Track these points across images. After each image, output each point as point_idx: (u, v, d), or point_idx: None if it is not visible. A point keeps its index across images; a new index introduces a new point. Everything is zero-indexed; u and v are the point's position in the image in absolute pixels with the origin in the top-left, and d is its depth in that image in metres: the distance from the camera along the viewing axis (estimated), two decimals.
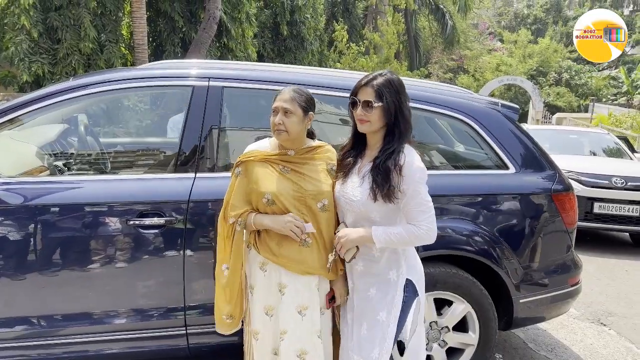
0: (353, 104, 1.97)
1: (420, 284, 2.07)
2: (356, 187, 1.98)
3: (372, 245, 1.96)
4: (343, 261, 2.09)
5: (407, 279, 2.02)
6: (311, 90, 2.19)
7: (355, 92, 1.96)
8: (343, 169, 2.06)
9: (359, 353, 2.00)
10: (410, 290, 2.02)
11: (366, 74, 2.04)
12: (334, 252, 2.04)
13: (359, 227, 2.00)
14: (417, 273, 2.08)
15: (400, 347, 2.00)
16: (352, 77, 3.03)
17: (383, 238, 1.92)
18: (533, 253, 2.83)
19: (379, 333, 1.98)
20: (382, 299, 2.00)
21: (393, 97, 1.92)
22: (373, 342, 1.98)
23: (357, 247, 1.98)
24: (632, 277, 5.61)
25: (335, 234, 2.04)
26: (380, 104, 1.91)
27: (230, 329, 2.16)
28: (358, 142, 2.07)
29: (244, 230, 2.09)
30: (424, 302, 2.12)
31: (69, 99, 2.54)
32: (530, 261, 2.82)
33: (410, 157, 1.93)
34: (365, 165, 2.01)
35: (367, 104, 1.91)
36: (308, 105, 2.05)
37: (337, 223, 2.12)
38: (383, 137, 1.98)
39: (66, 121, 3.01)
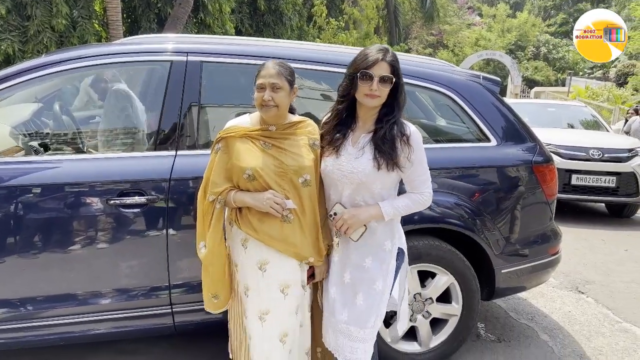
0: (365, 78, 1.90)
1: (406, 252, 2.14)
2: (355, 158, 1.98)
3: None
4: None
5: (399, 248, 2.09)
6: (292, 65, 2.15)
7: (367, 66, 1.90)
8: (333, 143, 2.03)
9: (356, 323, 2.01)
10: (400, 258, 2.09)
11: (361, 48, 2.05)
12: (335, 233, 2.04)
13: (358, 202, 2.01)
14: (404, 242, 2.14)
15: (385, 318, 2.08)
16: (333, 50, 3.01)
17: (392, 212, 2.00)
18: (514, 224, 2.87)
19: (376, 301, 2.02)
20: (378, 268, 2.03)
21: (400, 71, 1.96)
22: (370, 311, 2.01)
23: (365, 226, 2.00)
24: (608, 247, 5.76)
25: (330, 214, 2.03)
26: (395, 79, 1.93)
27: (218, 309, 2.13)
28: (346, 116, 2.05)
29: (224, 208, 2.06)
30: (408, 270, 2.19)
31: (41, 76, 2.46)
32: (512, 232, 2.86)
33: (413, 127, 2.00)
34: (361, 137, 2.01)
35: (385, 80, 1.90)
36: (293, 78, 2.03)
37: (321, 200, 2.11)
38: (379, 109, 1.99)
39: (40, 100, 2.92)
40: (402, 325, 2.26)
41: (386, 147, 1.93)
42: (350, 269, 2.06)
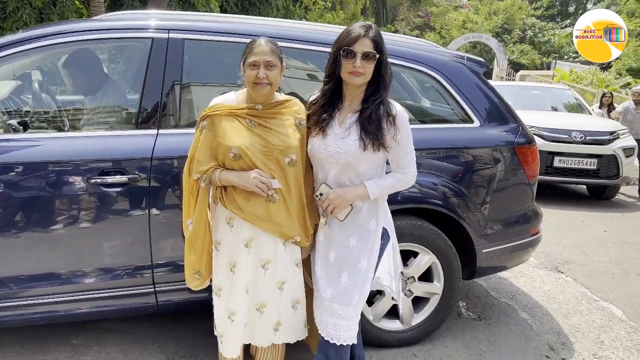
0: (348, 55, 1.89)
1: (392, 231, 2.16)
2: (341, 139, 1.98)
3: None
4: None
5: (383, 227, 2.10)
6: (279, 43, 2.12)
7: (349, 43, 1.89)
8: (320, 124, 2.02)
9: (340, 301, 2.03)
10: (385, 237, 2.11)
11: (346, 26, 2.03)
12: (324, 214, 2.05)
13: (344, 182, 2.02)
14: (389, 220, 2.16)
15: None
16: (319, 29, 2.98)
17: (377, 192, 2.01)
18: (496, 204, 2.90)
19: (360, 280, 2.04)
20: (363, 247, 2.05)
21: (383, 48, 1.94)
22: (354, 289, 2.03)
23: (350, 205, 2.02)
24: (588, 228, 5.87)
25: (316, 194, 2.04)
26: (378, 55, 1.91)
27: (199, 285, 2.16)
28: (332, 96, 2.04)
29: (209, 186, 2.06)
30: (397, 249, 2.21)
31: (19, 52, 2.41)
32: (493, 212, 2.90)
33: (399, 107, 2.00)
34: (348, 117, 2.01)
35: (368, 56, 1.88)
36: (282, 55, 2.02)
37: (308, 180, 2.12)
38: (365, 88, 1.99)
39: (18, 77, 2.85)
40: (400, 301, 2.31)
41: (372, 128, 1.93)
42: (335, 247, 2.07)
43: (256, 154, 1.97)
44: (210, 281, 2.17)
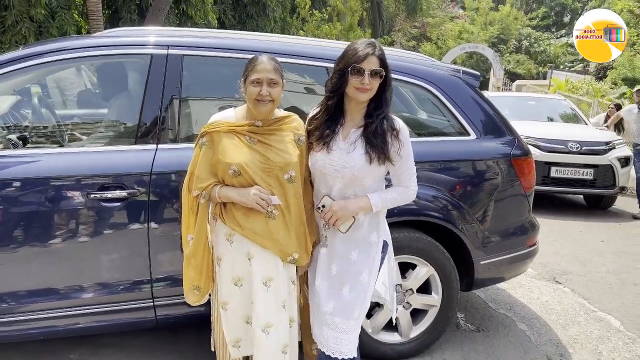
0: (356, 72, 1.94)
1: (390, 243, 2.20)
2: (347, 153, 2.01)
3: None
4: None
5: (383, 240, 2.15)
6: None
7: (358, 61, 1.94)
8: (324, 139, 2.05)
9: (342, 315, 2.05)
10: (385, 250, 2.15)
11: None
12: (323, 225, 2.07)
13: (348, 195, 2.05)
14: (388, 233, 2.20)
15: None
16: (315, 44, 3.01)
17: (380, 205, 2.05)
18: (493, 216, 2.92)
19: (362, 293, 2.07)
20: (364, 261, 2.08)
21: (387, 65, 2.00)
22: (355, 302, 2.06)
23: (353, 217, 2.04)
24: (585, 238, 5.89)
25: (319, 206, 2.06)
26: (384, 72, 1.96)
27: (198, 301, 2.15)
28: (335, 112, 2.08)
29: (209, 202, 2.07)
30: (393, 260, 2.25)
31: (20, 68, 2.43)
32: (491, 224, 2.92)
33: (402, 122, 2.06)
34: (352, 132, 2.05)
35: (375, 73, 1.94)
36: (282, 73, 2.04)
37: (308, 197, 2.13)
38: (367, 104, 2.03)
39: (18, 92, 2.88)
40: (394, 312, 2.30)
41: (378, 141, 1.99)
42: (337, 261, 2.09)
43: (256, 171, 1.97)
44: (209, 296, 2.17)
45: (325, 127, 2.07)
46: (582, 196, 7.82)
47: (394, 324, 2.80)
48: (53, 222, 2.33)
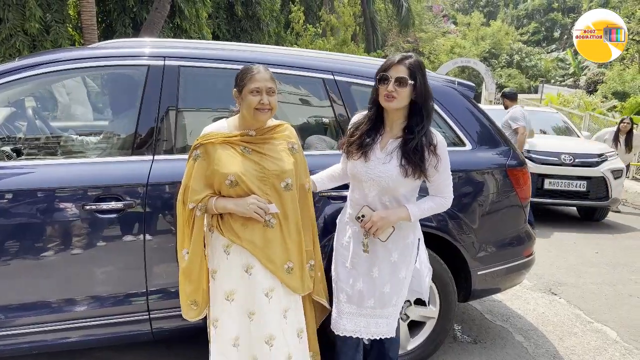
0: (382, 80, 2.01)
1: (422, 238, 2.32)
2: (382, 164, 2.08)
3: None
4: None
5: (418, 238, 2.27)
6: (271, 70, 2.16)
7: (385, 69, 2.02)
8: (364, 147, 2.11)
9: (381, 305, 2.18)
10: (420, 246, 2.29)
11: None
12: (366, 235, 2.12)
13: (384, 203, 2.11)
14: (420, 230, 2.31)
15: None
16: (311, 55, 3.03)
17: (419, 215, 2.14)
18: (489, 227, 2.93)
19: (400, 287, 2.21)
20: (403, 260, 2.19)
21: (423, 78, 2.04)
22: (393, 294, 2.20)
23: (393, 227, 2.10)
24: (580, 249, 5.90)
25: (358, 216, 2.10)
26: (412, 82, 2.00)
27: (196, 316, 2.12)
28: (376, 121, 2.15)
29: (205, 214, 2.05)
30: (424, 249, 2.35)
31: (15, 80, 2.42)
32: (487, 235, 2.91)
33: (440, 136, 2.10)
34: (389, 142, 2.11)
35: (400, 81, 1.98)
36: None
37: (306, 202, 2.15)
38: (406, 116, 2.08)
39: (13, 104, 2.87)
40: (425, 296, 2.39)
41: (416, 158, 2.04)
42: (378, 264, 2.17)
43: (253, 180, 1.97)
44: (208, 310, 2.15)
45: (366, 136, 2.13)
46: (575, 208, 7.85)
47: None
48: (47, 234, 2.30)
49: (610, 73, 23.59)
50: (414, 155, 2.03)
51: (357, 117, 2.25)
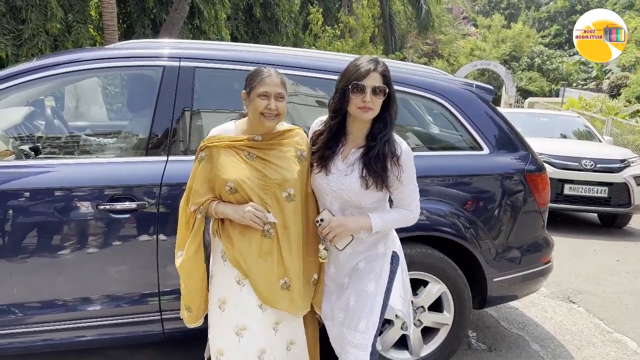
0: (358, 90, 1.84)
1: (401, 255, 2.14)
2: (344, 175, 1.94)
3: None
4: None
5: (393, 252, 2.08)
6: (285, 72, 2.14)
7: (359, 77, 1.84)
8: (324, 160, 1.98)
9: (348, 325, 2.01)
10: (395, 262, 2.08)
11: (356, 55, 2.02)
12: (323, 242, 1.99)
13: (348, 214, 1.99)
14: (398, 245, 2.14)
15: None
16: (326, 57, 3.01)
17: (380, 225, 1.98)
18: (507, 233, 2.87)
19: (368, 304, 2.00)
20: (370, 271, 2.02)
21: (391, 82, 1.90)
22: (361, 313, 1.99)
23: (351, 235, 1.99)
24: (600, 257, 5.77)
25: (317, 220, 1.98)
26: (387, 90, 1.87)
27: (191, 321, 2.09)
28: (338, 131, 2.00)
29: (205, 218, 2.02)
30: (406, 272, 2.20)
31: (34, 79, 2.45)
32: (504, 241, 2.86)
33: (405, 145, 1.96)
34: (351, 152, 1.98)
35: (377, 91, 1.84)
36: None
37: (307, 212, 2.07)
38: (371, 124, 1.94)
39: (32, 103, 2.90)
40: (410, 326, 2.28)
41: (377, 167, 1.90)
42: (347, 271, 2.06)
43: (253, 188, 1.91)
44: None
45: (326, 148, 1.99)
46: (596, 214, 7.69)
47: (409, 338, 2.73)
48: (62, 233, 2.32)
49: (634, 77, 23.11)
50: (376, 164, 1.89)
51: (317, 125, 2.09)
